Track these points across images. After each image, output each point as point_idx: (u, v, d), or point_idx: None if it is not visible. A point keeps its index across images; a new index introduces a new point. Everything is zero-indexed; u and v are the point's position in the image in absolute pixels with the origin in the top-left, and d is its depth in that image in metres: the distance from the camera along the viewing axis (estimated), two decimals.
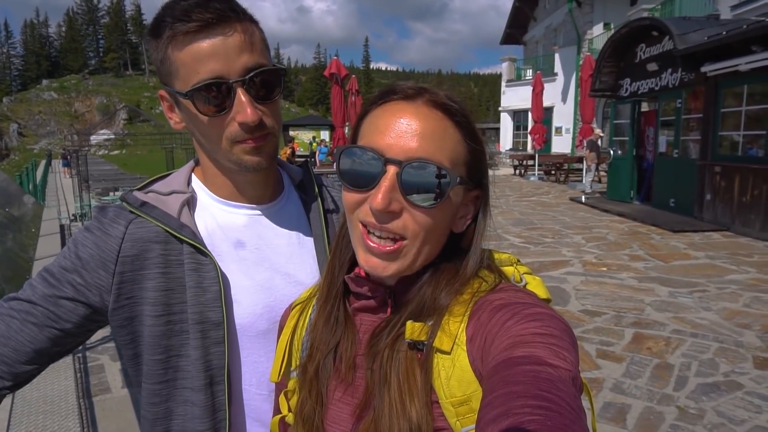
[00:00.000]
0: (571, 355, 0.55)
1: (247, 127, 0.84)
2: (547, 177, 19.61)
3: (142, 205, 0.90)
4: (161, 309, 0.87)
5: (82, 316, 0.86)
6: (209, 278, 0.88)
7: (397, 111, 0.67)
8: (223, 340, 0.88)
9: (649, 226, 9.82)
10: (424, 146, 0.64)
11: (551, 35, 27.33)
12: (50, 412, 3.21)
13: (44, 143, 71.87)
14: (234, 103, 0.83)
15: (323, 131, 31.86)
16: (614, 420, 3.33)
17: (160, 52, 0.84)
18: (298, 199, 1.05)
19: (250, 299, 0.93)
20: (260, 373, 0.94)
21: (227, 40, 0.81)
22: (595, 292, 5.94)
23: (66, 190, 19.77)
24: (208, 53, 0.80)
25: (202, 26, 0.80)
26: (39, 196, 17.24)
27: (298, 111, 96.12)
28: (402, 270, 0.68)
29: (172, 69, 0.84)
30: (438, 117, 0.66)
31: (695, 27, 9.87)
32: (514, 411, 0.47)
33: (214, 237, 0.94)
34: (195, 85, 0.81)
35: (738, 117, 9.25)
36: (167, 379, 0.90)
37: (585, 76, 15.56)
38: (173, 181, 0.97)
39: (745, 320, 4.97)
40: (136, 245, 0.87)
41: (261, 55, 0.85)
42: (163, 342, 0.88)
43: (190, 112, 0.85)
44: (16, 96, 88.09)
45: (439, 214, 0.67)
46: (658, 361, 4.15)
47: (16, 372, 0.85)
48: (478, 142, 0.70)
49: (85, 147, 13.82)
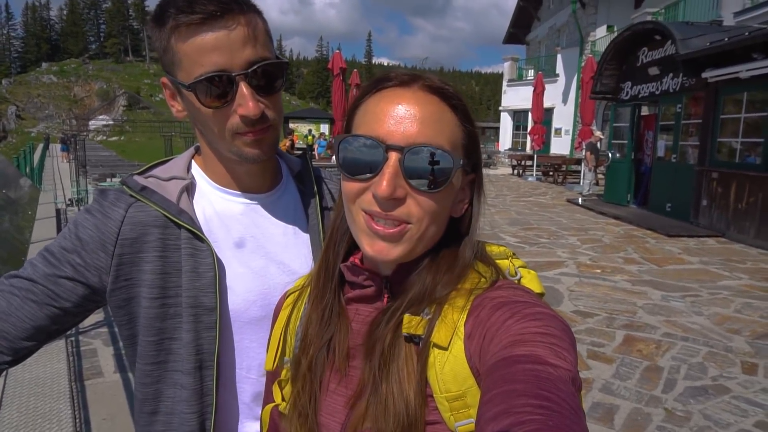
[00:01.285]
0: (571, 356, 0.56)
1: (249, 120, 0.84)
2: (545, 178, 19.64)
3: (142, 190, 0.90)
4: (157, 292, 0.88)
5: (81, 296, 0.88)
6: (205, 264, 0.89)
7: (394, 97, 0.66)
8: (215, 325, 0.89)
9: (645, 229, 9.86)
10: (424, 131, 0.64)
11: (554, 36, 27.28)
12: (42, 395, 3.22)
13: (42, 127, 71.49)
14: (236, 95, 0.83)
15: (323, 124, 31.83)
16: (602, 420, 3.36)
17: (162, 42, 0.84)
18: (296, 189, 1.06)
19: (244, 286, 0.94)
20: (251, 359, 0.95)
21: (231, 33, 0.80)
22: (589, 294, 5.97)
23: (63, 175, 19.70)
24: (212, 46, 0.80)
25: (206, 18, 0.79)
26: (36, 179, 17.17)
27: (299, 104, 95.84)
28: (406, 253, 0.67)
29: (174, 59, 0.84)
30: (435, 101, 0.67)
31: (698, 32, 9.88)
32: (515, 410, 0.47)
33: (212, 224, 0.95)
34: (198, 77, 0.82)
35: (737, 124, 9.27)
36: (159, 361, 0.91)
37: (586, 78, 15.57)
38: (173, 166, 0.97)
39: (736, 326, 5.01)
40: (136, 228, 0.89)
41: (264, 47, 0.85)
42: (156, 324, 0.89)
43: (192, 103, 0.86)
44: (15, 78, 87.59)
45: (443, 198, 0.67)
46: (647, 363, 4.18)
47: (15, 347, 0.86)
48: (473, 125, 0.70)
49: (84, 132, 13.75)
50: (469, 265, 0.71)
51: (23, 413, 3.01)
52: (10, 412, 3.01)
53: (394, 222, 0.65)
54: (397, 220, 0.65)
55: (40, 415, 3.02)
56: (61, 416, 3.01)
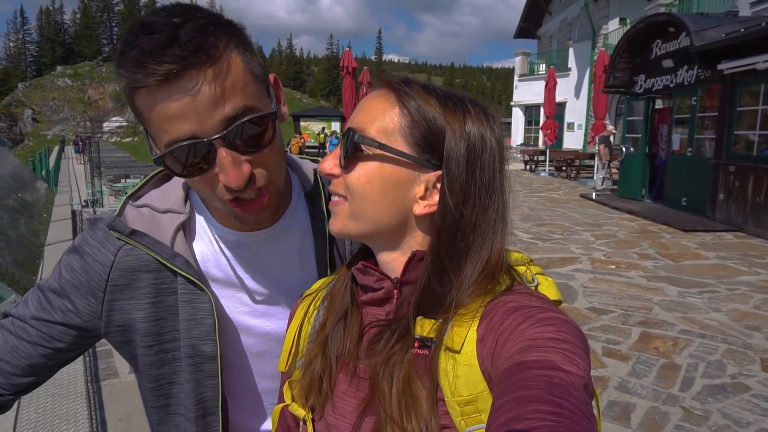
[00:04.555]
0: (583, 362, 0.55)
1: (233, 190, 0.73)
2: (558, 173, 19.49)
3: (131, 234, 0.82)
4: (151, 339, 0.84)
5: (75, 336, 0.85)
6: (203, 310, 0.84)
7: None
8: (216, 373, 0.85)
9: (660, 224, 9.73)
10: (358, 119, 0.71)
11: (566, 30, 27.03)
12: (59, 395, 3.26)
13: (57, 129, 72.47)
14: (216, 160, 0.71)
15: (334, 122, 31.85)
16: (618, 419, 3.32)
17: (124, 93, 0.71)
18: (306, 212, 0.94)
19: (246, 326, 0.89)
20: (256, 395, 0.92)
21: (196, 96, 0.66)
22: (603, 290, 5.90)
23: (78, 177, 19.96)
24: (176, 114, 0.67)
25: (162, 81, 0.65)
26: (51, 182, 17.42)
27: (310, 102, 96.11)
28: (344, 229, 0.72)
29: (139, 117, 0.72)
30: (383, 93, 0.71)
31: (713, 24, 9.72)
32: (527, 416, 0.47)
33: (210, 263, 0.87)
34: (167, 146, 0.70)
35: (754, 116, 9.10)
36: (159, 405, 0.89)
37: (599, 72, 15.41)
38: (171, 193, 0.88)
39: (755, 322, 4.92)
40: (125, 275, 0.83)
41: (242, 95, 0.70)
42: (153, 371, 0.86)
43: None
44: (31, 82, 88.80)
45: (362, 176, 0.70)
46: (664, 361, 4.12)
47: (13, 383, 0.84)
48: (423, 110, 0.70)
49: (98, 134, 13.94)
50: (481, 277, 0.69)
51: (41, 414, 3.05)
52: (28, 413, 3.05)
53: (334, 197, 0.74)
54: (335, 193, 0.73)
55: (57, 415, 3.05)
56: (77, 417, 3.04)
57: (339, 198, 0.73)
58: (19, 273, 2.95)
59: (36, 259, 3.44)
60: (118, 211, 0.86)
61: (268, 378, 0.92)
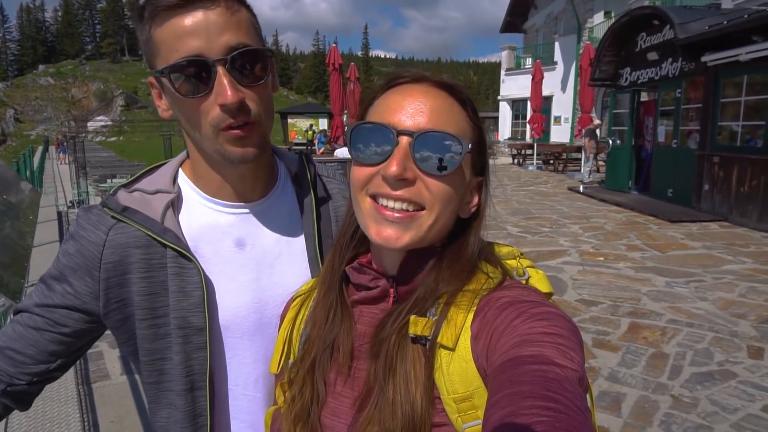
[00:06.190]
0: (578, 356, 0.56)
1: (228, 110, 0.78)
2: (546, 166, 19.60)
3: (123, 210, 0.87)
4: (145, 313, 0.86)
5: (77, 320, 0.87)
6: (192, 283, 0.86)
7: (406, 92, 0.70)
8: (205, 345, 0.87)
9: (647, 216, 9.84)
10: (434, 120, 0.67)
11: (552, 23, 27.12)
12: (49, 398, 3.23)
13: (41, 129, 71.48)
14: (215, 84, 0.78)
15: (321, 119, 31.68)
16: (609, 408, 3.36)
17: (144, 34, 0.80)
18: (293, 192, 1.00)
19: (234, 302, 0.91)
20: (246, 375, 0.93)
21: (208, 15, 0.76)
22: (592, 282, 5.96)
23: (63, 177, 19.70)
24: (188, 29, 0.76)
25: (183, 2, 0.76)
26: (36, 182, 17.18)
27: (297, 98, 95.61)
28: (415, 241, 0.68)
29: (154, 49, 0.80)
30: (444, 95, 0.70)
31: (696, 16, 9.82)
32: (522, 411, 0.47)
33: (199, 238, 0.90)
34: (174, 63, 0.77)
35: (737, 107, 9.23)
36: (152, 381, 0.90)
37: (585, 65, 15.49)
38: (160, 177, 0.93)
39: (741, 310, 5.01)
40: (117, 251, 0.86)
41: (246, 35, 0.80)
42: (146, 345, 0.88)
43: (174, 96, 0.81)
44: (13, 81, 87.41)
45: (452, 184, 0.68)
46: (653, 350, 4.18)
47: (25, 372, 0.86)
48: (480, 122, 0.73)
49: (82, 133, 13.74)
50: (476, 265, 0.72)
51: (32, 418, 3.02)
52: (19, 417, 3.02)
53: (403, 205, 0.67)
54: (407, 201, 0.66)
55: (49, 419, 3.03)
56: (69, 420, 3.02)
57: (413, 209, 0.67)
58: (6, 276, 2.92)
59: (24, 262, 3.40)
60: (112, 192, 0.91)
61: (256, 359, 0.93)
